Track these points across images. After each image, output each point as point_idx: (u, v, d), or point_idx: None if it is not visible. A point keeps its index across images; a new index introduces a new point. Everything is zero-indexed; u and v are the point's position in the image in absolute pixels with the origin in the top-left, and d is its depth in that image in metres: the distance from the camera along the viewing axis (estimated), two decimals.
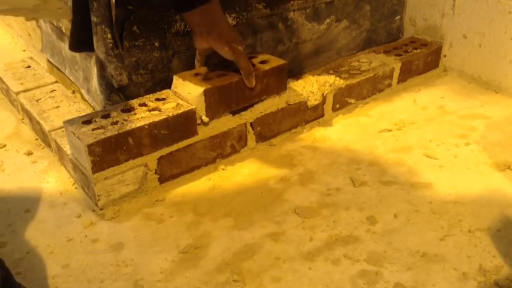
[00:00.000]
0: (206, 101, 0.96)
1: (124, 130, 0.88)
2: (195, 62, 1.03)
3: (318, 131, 1.18)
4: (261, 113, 1.07)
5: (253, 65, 1.03)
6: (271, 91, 1.07)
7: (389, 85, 1.33)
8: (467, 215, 0.89)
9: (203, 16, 0.89)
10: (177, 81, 1.00)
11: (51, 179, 1.02)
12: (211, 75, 1.00)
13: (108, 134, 0.87)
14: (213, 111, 0.99)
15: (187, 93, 0.97)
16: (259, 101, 1.06)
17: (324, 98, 1.18)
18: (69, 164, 0.99)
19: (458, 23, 1.37)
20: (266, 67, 1.04)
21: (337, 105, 1.22)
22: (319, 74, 1.20)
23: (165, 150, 0.95)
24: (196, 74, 1.00)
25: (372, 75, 1.26)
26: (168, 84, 1.03)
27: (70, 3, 0.93)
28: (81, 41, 0.98)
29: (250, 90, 1.02)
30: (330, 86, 1.17)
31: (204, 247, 0.84)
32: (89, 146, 0.85)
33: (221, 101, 0.99)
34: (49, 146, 1.09)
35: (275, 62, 1.06)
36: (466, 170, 1.02)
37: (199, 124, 0.98)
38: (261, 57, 1.08)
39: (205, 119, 0.98)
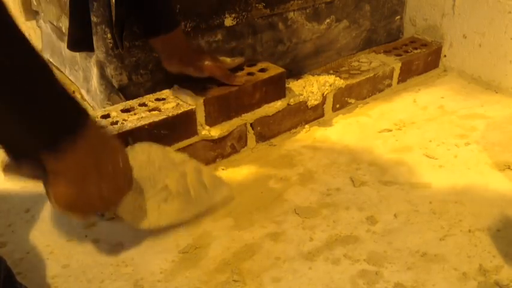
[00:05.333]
0: (206, 111, 0.97)
1: (124, 130, 0.88)
2: None
3: (318, 131, 1.18)
4: (261, 113, 1.07)
5: (253, 73, 1.04)
6: (270, 99, 1.07)
7: (390, 85, 1.33)
8: (467, 215, 0.89)
9: (165, 43, 0.94)
10: (177, 88, 0.99)
11: None
12: (211, 84, 1.00)
13: None
14: (213, 120, 0.99)
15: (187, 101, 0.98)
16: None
17: (324, 98, 1.18)
18: None
19: (458, 23, 1.36)
20: (265, 75, 1.04)
21: (337, 105, 1.22)
22: (319, 74, 1.20)
23: None
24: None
25: (372, 75, 1.26)
26: (168, 85, 1.03)
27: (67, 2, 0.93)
28: (79, 40, 0.98)
29: (250, 99, 1.02)
30: (330, 86, 1.17)
31: (204, 247, 0.84)
32: None
33: (221, 110, 0.99)
34: None
35: (274, 70, 1.06)
36: (466, 170, 1.02)
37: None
38: (260, 65, 1.09)
39: (205, 127, 0.98)
